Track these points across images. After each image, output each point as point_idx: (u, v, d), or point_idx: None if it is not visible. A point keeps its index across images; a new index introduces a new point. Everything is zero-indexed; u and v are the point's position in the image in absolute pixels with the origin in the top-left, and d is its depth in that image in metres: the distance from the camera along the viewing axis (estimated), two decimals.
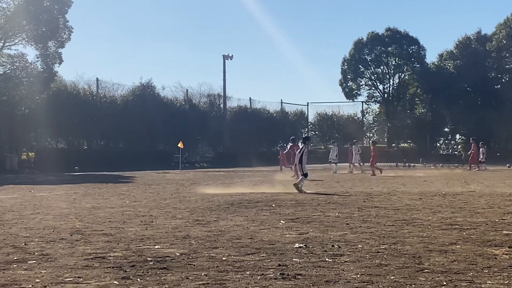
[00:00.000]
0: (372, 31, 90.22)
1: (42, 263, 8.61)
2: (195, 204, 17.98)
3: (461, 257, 8.86)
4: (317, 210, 16.06)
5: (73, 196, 22.32)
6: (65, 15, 57.90)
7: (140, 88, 67.67)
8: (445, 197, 20.39)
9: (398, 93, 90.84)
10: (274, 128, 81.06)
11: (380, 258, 8.85)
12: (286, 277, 7.61)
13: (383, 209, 16.11)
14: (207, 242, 10.50)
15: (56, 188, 27.83)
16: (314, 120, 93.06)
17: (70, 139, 64.80)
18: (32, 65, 57.01)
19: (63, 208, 17.34)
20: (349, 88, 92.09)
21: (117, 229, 12.26)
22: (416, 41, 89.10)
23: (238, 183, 30.91)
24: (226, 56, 75.73)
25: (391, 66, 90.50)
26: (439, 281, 7.36)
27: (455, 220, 13.50)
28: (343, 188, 26.00)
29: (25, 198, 21.34)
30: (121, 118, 62.14)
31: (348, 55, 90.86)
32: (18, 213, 15.99)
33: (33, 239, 10.99)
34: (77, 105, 59.81)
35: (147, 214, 15.23)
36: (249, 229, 12.15)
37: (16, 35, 56.43)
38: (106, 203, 18.94)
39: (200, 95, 77.13)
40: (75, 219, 14.24)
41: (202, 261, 8.69)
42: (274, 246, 10.01)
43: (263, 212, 15.65)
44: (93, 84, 65.28)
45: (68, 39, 58.53)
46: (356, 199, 19.57)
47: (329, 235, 11.22)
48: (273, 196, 20.84)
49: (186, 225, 12.93)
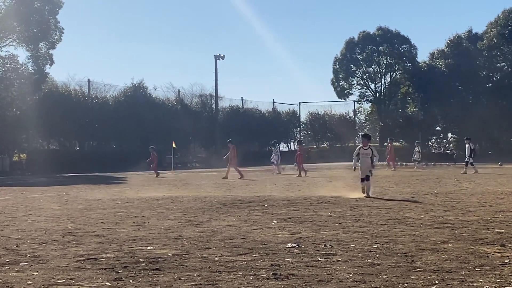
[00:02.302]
0: (364, 31, 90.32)
1: (34, 265, 8.59)
2: (188, 205, 17.97)
3: (453, 256, 8.89)
4: (310, 209, 16.07)
5: (65, 197, 22.28)
6: (56, 16, 57.71)
7: (132, 88, 67.52)
8: (437, 195, 20.43)
9: (389, 92, 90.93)
10: (266, 128, 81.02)
11: (373, 257, 8.86)
12: (279, 277, 7.61)
13: (376, 208, 16.14)
14: (200, 242, 10.50)
15: (48, 189, 27.77)
16: (306, 119, 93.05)
17: (62, 140, 64.61)
18: (23, 66, 56.80)
19: (55, 209, 17.31)
20: (341, 87, 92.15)
21: (110, 230, 12.25)
22: (407, 40, 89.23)
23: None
24: (217, 56, 75.64)
25: (383, 65, 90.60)
26: (431, 279, 7.38)
27: (447, 218, 13.54)
28: (335, 187, 25.99)
29: (16, 200, 21.29)
30: (113, 119, 61.99)
31: (340, 55, 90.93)
32: (9, 215, 15.96)
33: (25, 241, 10.97)
34: (68, 106, 59.64)
35: (139, 215, 15.23)
36: (241, 229, 12.16)
37: (6, 37, 56.22)
38: (98, 204, 18.91)
39: (192, 95, 76.97)
40: (67, 221, 14.22)
41: (194, 261, 8.69)
42: (267, 246, 10.02)
43: (255, 212, 15.66)
44: (84, 85, 65.07)
45: (59, 40, 58.35)
46: (348, 199, 19.59)
47: (321, 235, 11.24)
48: (265, 196, 20.84)
49: (179, 225, 12.93)
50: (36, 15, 55.48)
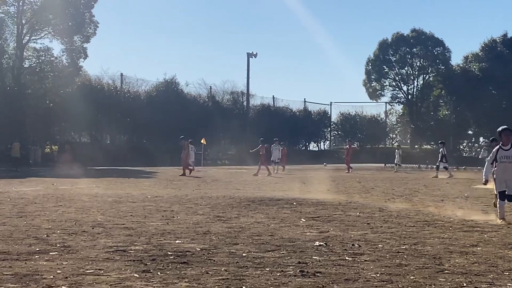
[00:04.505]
0: (397, 32, 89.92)
1: (64, 255, 8.67)
2: (216, 201, 18.02)
3: (481, 259, 8.83)
4: (338, 209, 16.04)
5: (95, 189, 22.45)
6: (91, 10, 58.23)
7: (164, 84, 67.80)
8: (467, 199, 20.29)
9: (422, 94, 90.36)
10: (297, 126, 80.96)
11: (400, 258, 8.83)
12: (306, 274, 7.61)
13: (405, 210, 16.07)
14: (228, 238, 10.53)
15: (78, 181, 28.00)
16: (337, 119, 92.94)
17: (93, 134, 65.08)
18: (58, 59, 57.36)
19: (85, 201, 17.46)
20: (373, 88, 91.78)
21: (138, 223, 12.33)
22: (441, 42, 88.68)
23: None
24: (250, 54, 75.74)
25: (416, 67, 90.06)
26: (459, 282, 7.33)
27: (477, 222, 13.43)
28: (365, 188, 25.92)
29: (48, 191, 21.50)
30: (145, 114, 62.21)
31: (373, 56, 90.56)
32: (40, 205, 16.12)
33: (55, 231, 11.08)
34: (101, 99, 60.05)
35: (168, 209, 15.30)
36: (269, 226, 12.17)
37: (42, 29, 56.75)
38: (127, 197, 19.04)
39: (224, 92, 77.15)
40: (97, 213, 14.34)
41: (222, 256, 8.72)
42: (294, 243, 10.02)
43: (284, 210, 15.66)
44: (117, 79, 65.49)
45: (93, 33, 58.84)
46: (378, 199, 19.53)
47: (349, 234, 11.21)
48: (295, 195, 20.84)
49: (207, 221, 12.97)
50: (71, 8, 55.95)
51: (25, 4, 55.49)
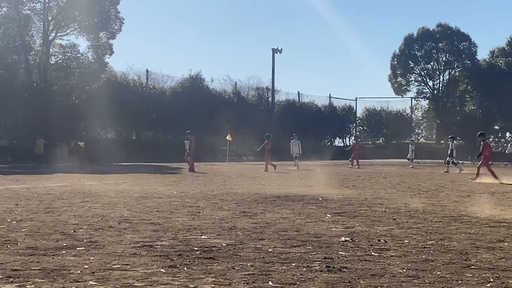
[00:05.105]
0: (423, 27, 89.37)
1: (91, 250, 8.74)
2: (242, 196, 18.06)
3: (509, 255, 8.78)
4: (364, 204, 16.02)
5: (121, 185, 22.57)
6: (116, 6, 58.39)
7: (189, 80, 67.87)
8: (494, 194, 20.17)
9: (448, 89, 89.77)
10: (322, 122, 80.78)
11: (427, 253, 8.80)
12: (332, 269, 7.61)
13: (431, 205, 16.00)
14: (253, 233, 10.55)
15: (105, 177, 28.15)
16: (362, 115, 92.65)
17: (119, 130, 65.33)
18: (83, 55, 57.61)
19: (111, 197, 17.56)
20: (398, 83, 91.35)
21: (165, 219, 12.38)
22: (467, 37, 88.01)
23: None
24: (275, 49, 75.65)
25: (441, 62, 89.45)
26: (486, 277, 7.30)
27: (504, 218, 13.35)
28: (390, 183, 25.85)
29: (74, 187, 21.64)
30: (170, 110, 62.32)
31: (398, 51, 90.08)
32: (67, 201, 16.24)
33: (82, 227, 11.16)
34: (126, 96, 60.22)
35: (194, 205, 15.35)
36: (295, 222, 12.18)
37: (68, 26, 57.03)
38: (153, 193, 19.12)
39: (249, 88, 77.04)
40: (123, 208, 14.42)
41: (248, 252, 8.74)
42: (320, 239, 10.02)
43: (309, 205, 15.66)
44: (142, 75, 65.60)
45: (119, 30, 59.00)
46: (403, 195, 19.47)
47: (375, 230, 11.20)
48: (319, 190, 20.83)
49: (233, 216, 13.00)
50: (97, 5, 56.14)
51: (51, 1, 55.80)
